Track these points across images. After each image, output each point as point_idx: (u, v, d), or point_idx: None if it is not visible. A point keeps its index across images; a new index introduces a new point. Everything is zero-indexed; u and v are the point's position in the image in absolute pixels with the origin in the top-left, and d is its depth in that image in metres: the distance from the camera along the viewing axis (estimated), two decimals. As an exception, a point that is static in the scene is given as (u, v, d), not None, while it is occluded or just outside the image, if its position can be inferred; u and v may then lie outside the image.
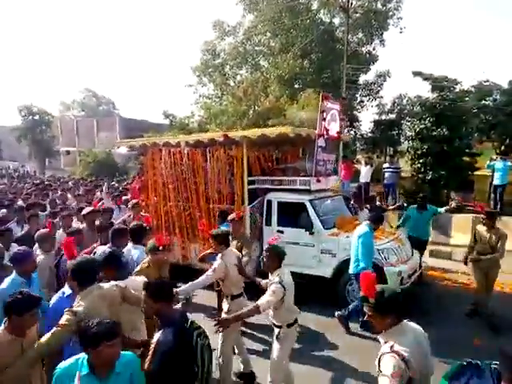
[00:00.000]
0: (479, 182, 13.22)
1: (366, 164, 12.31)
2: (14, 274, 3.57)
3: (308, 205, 6.50)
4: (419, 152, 13.67)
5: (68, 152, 35.09)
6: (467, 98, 16.22)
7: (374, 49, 25.62)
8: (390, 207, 9.49)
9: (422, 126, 13.64)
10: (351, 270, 5.42)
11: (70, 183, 16.96)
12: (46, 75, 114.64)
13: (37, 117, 32.20)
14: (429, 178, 13.13)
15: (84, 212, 6.15)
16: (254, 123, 16.61)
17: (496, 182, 10.34)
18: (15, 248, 4.16)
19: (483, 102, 18.02)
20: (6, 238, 4.88)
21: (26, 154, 35.76)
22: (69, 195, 11.28)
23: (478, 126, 17.01)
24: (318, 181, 6.76)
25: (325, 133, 6.78)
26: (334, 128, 7.12)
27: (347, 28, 21.73)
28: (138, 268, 3.92)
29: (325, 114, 6.71)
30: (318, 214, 6.46)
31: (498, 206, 10.07)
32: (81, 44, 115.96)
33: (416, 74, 18.85)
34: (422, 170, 13.49)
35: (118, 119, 34.19)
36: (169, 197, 7.54)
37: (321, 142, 6.74)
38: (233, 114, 18.09)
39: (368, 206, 8.00)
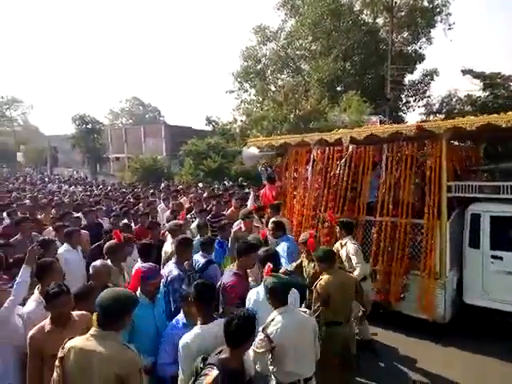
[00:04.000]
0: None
1: None
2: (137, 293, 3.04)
3: None
4: (471, 153, 12.98)
5: (117, 158, 36.89)
6: (524, 95, 15.19)
7: (420, 47, 24.83)
8: None
9: (474, 127, 12.95)
10: None
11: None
12: (96, 85, 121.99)
13: (89, 126, 34.20)
14: (482, 180, 12.41)
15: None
16: (296, 127, 16.59)
17: None
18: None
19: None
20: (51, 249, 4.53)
21: (79, 160, 38.10)
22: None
23: (537, 125, 15.88)
24: None
25: None
26: None
27: (391, 27, 21.23)
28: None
29: None
30: None
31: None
32: (128, 55, 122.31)
33: (465, 72, 17.99)
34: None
35: (163, 126, 35.41)
36: (319, 207, 6.25)
37: None
38: (274, 118, 18.19)
39: None
